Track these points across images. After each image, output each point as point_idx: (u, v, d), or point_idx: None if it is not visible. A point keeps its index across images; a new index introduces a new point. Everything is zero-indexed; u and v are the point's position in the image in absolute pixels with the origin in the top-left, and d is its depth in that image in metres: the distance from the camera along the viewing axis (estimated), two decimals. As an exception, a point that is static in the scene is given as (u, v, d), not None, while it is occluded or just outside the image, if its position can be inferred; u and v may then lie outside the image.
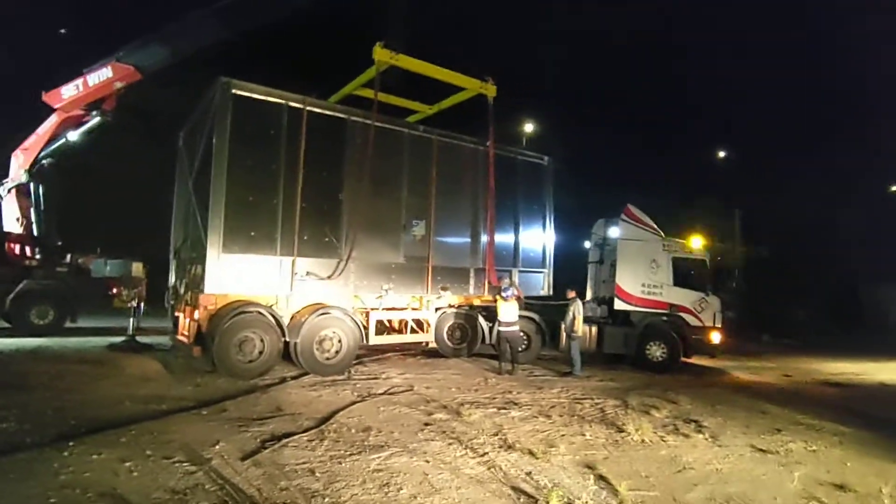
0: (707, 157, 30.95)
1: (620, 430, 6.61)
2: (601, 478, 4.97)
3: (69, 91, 12.51)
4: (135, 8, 28.49)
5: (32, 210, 13.51)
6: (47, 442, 5.14)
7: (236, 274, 8.54)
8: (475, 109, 11.84)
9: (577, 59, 35.91)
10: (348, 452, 5.38)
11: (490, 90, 11.25)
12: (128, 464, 4.69)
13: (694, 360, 12.34)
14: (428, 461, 5.24)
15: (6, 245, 13.19)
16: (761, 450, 6.16)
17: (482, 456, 5.47)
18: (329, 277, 9.34)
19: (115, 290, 13.39)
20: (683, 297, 11.75)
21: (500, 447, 5.78)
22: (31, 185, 13.44)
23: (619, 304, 11.85)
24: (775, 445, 6.34)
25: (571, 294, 10.91)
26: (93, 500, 3.99)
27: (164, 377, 8.64)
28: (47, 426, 5.66)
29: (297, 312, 9.35)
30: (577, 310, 10.66)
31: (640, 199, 12.62)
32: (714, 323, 11.78)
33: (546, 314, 12.06)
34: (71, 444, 5.08)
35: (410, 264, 10.39)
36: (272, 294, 9.11)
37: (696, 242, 12.09)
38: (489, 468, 5.13)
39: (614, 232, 12.37)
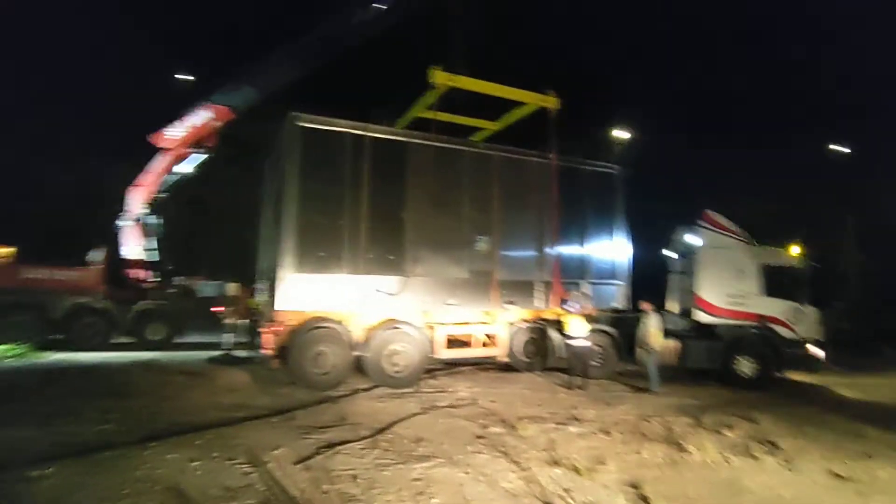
0: (815, 154, 28.19)
1: (681, 450, 6.28)
2: (642, 498, 4.79)
3: (174, 132, 14.10)
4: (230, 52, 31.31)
5: (148, 239, 15.27)
6: (135, 441, 5.85)
7: (308, 292, 9.15)
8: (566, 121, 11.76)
9: (658, 53, 34.44)
10: (394, 461, 5.60)
11: (551, 102, 11.23)
12: (195, 463, 5.23)
13: (793, 376, 11.37)
14: (468, 473, 5.32)
15: (128, 270, 14.99)
16: (840, 476, 5.60)
17: (524, 470, 5.46)
18: (394, 294, 9.70)
19: (217, 309, 14.71)
20: (775, 308, 10.86)
21: (546, 462, 5.73)
22: (146, 216, 15.22)
23: (701, 317, 11.19)
24: (859, 472, 5.71)
25: (646, 306, 10.48)
26: (158, 492, 4.51)
27: (248, 388, 9.40)
28: (139, 428, 6.43)
29: (369, 327, 9.79)
30: (652, 323, 10.23)
31: (732, 203, 11.91)
32: (812, 335, 10.76)
33: (622, 327, 11.66)
34: (153, 444, 5.75)
35: (476, 279, 10.53)
36: (343, 310, 9.61)
37: (790, 249, 11.17)
38: (528, 483, 5.12)
39: (693, 240, 11.73)
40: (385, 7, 11.73)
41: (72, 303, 13.32)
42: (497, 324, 10.97)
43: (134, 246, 15.07)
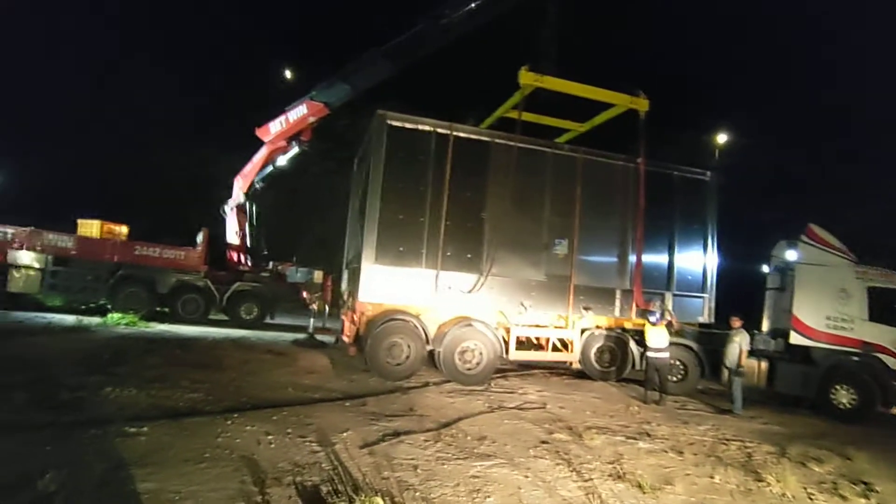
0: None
1: (759, 479, 5.89)
2: (708, 525, 4.57)
3: (275, 126, 15.05)
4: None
5: (247, 225, 16.41)
6: (219, 411, 6.38)
7: (387, 284, 9.46)
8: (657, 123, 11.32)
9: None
10: (455, 456, 5.70)
11: (641, 104, 10.82)
12: (270, 437, 5.62)
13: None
14: (527, 476, 5.31)
15: (227, 253, 16.18)
16: (944, 529, 5.04)
17: (586, 481, 5.36)
18: (469, 291, 9.80)
19: (304, 294, 15.54)
20: (882, 336, 9.83)
21: (610, 476, 5.59)
22: (248, 204, 16.35)
23: (796, 339, 10.37)
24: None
25: (737, 323, 9.86)
26: (234, 459, 4.90)
27: (326, 371, 9.90)
28: (224, 399, 6.99)
29: (443, 323, 9.97)
30: (742, 342, 9.63)
31: (842, 219, 10.93)
32: (926, 370, 9.67)
33: (707, 343, 11.08)
34: (235, 415, 6.23)
35: (552, 282, 10.41)
36: (420, 304, 9.85)
37: (905, 270, 10.10)
38: (587, 494, 5.03)
39: (793, 255, 10.89)
40: (475, 6, 11.80)
41: (176, 279, 14.61)
42: (572, 329, 10.79)
43: (234, 231, 16.24)
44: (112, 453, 4.70)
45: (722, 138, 27.70)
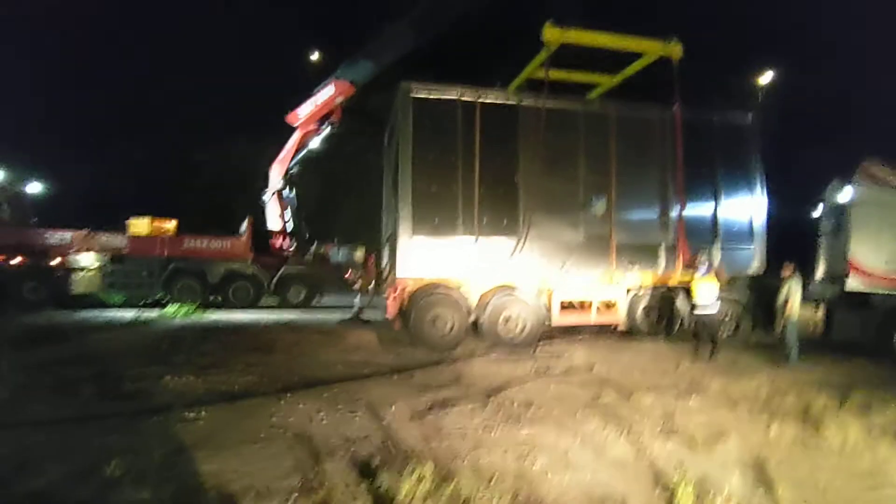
0: None
1: (818, 431, 5.69)
2: (764, 479, 4.46)
3: (304, 110, 15.20)
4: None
5: (287, 210, 16.76)
6: (272, 392, 6.63)
7: (425, 258, 9.54)
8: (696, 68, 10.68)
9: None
10: (502, 423, 5.73)
11: (674, 51, 10.28)
12: (321, 413, 5.80)
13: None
14: (576, 439, 5.30)
15: (271, 239, 16.62)
16: None
17: (635, 441, 5.32)
18: (508, 258, 9.75)
19: (348, 273, 15.86)
20: (950, 275, 9.30)
21: (661, 434, 5.53)
22: (286, 190, 16.67)
23: (853, 283, 9.90)
24: None
25: (787, 271, 9.46)
26: (288, 437, 5.09)
27: (374, 347, 10.11)
28: (277, 380, 7.25)
29: (484, 292, 9.99)
30: (794, 290, 9.26)
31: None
32: None
33: (759, 294, 10.71)
34: (288, 395, 6.47)
35: (592, 243, 10.24)
36: (460, 275, 9.88)
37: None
38: (637, 453, 4.99)
39: (847, 196, 10.31)
40: None
41: (225, 268, 15.14)
42: (616, 289, 10.62)
43: (275, 217, 16.63)
44: (173, 438, 4.95)
45: (767, 77, 26.28)
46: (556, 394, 7.07)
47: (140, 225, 15.58)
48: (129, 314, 13.06)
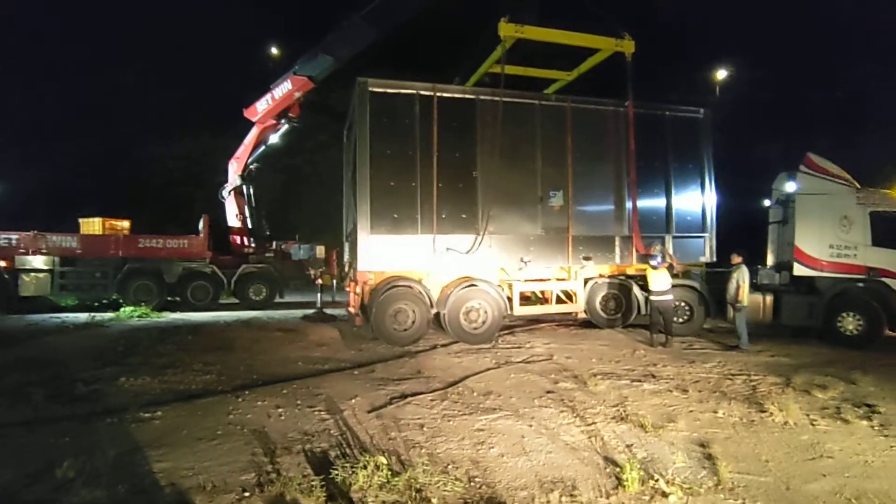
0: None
1: (762, 410, 5.97)
2: (708, 457, 4.65)
3: (262, 105, 14.94)
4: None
5: (246, 207, 16.47)
6: (230, 390, 6.55)
7: (385, 252, 9.50)
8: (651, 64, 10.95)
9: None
10: (461, 412, 5.83)
11: (627, 46, 10.53)
12: (280, 410, 5.77)
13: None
14: (531, 426, 5.43)
15: (230, 237, 16.30)
16: (945, 445, 5.09)
17: (589, 425, 5.48)
18: (468, 252, 9.83)
19: (310, 271, 15.70)
20: (886, 259, 9.76)
21: (613, 418, 5.69)
22: (244, 186, 16.37)
23: (800, 270, 10.35)
24: (971, 440, 5.18)
25: (737, 259, 9.83)
26: (246, 434, 5.05)
27: (336, 343, 10.07)
28: (236, 378, 7.17)
29: (446, 285, 10.05)
30: (741, 277, 9.62)
31: (843, 145, 10.73)
32: (932, 289, 9.63)
33: (711, 282, 11.10)
34: (246, 392, 6.42)
35: (550, 235, 10.40)
36: (420, 269, 9.92)
37: (903, 191, 9.97)
38: (590, 437, 5.14)
39: (792, 187, 10.76)
40: None
41: (183, 268, 14.79)
42: (575, 280, 10.84)
43: (234, 214, 16.32)
44: (128, 438, 4.86)
45: (722, 74, 27.19)
46: (515, 382, 7.21)
47: (92, 225, 15.08)
48: (82, 317, 12.64)
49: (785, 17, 34.80)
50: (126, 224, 15.60)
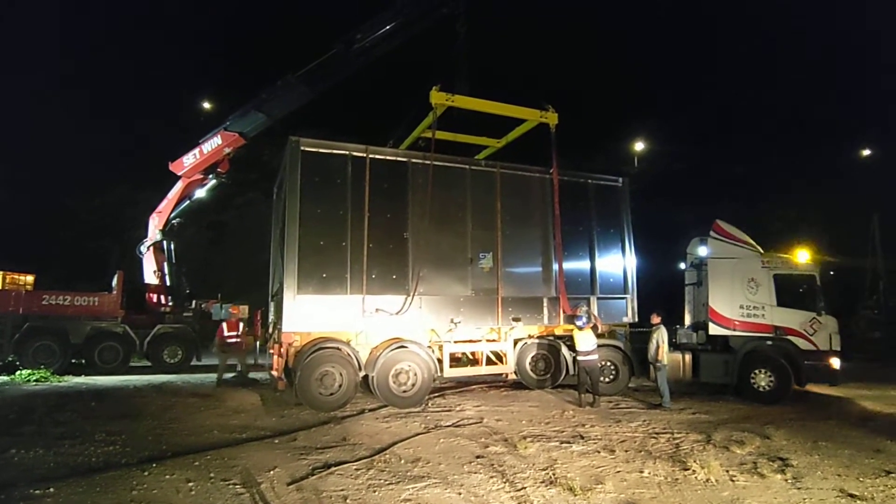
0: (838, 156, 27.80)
1: (685, 468, 6.11)
2: (634, 518, 4.66)
3: (189, 159, 14.54)
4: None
5: (165, 264, 15.66)
6: (135, 463, 5.97)
7: (313, 313, 9.20)
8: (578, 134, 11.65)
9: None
10: (387, 482, 5.57)
11: (551, 118, 11.20)
12: (190, 484, 5.29)
13: (819, 389, 11.08)
14: (460, 493, 5.27)
15: (146, 295, 15.35)
16: (851, 495, 5.35)
17: (518, 490, 5.38)
18: (398, 313, 9.71)
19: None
20: (790, 319, 10.54)
21: (543, 482, 5.63)
22: (164, 242, 15.62)
23: (714, 329, 10.94)
24: (873, 491, 5.48)
25: (656, 320, 10.26)
26: (149, 514, 4.57)
27: (256, 409, 9.47)
28: (142, 449, 6.54)
29: (375, 347, 9.81)
30: (660, 337, 10.01)
31: (752, 211, 11.63)
32: (831, 346, 10.40)
33: (635, 342, 11.47)
34: (154, 465, 5.85)
35: (480, 297, 10.48)
36: (349, 330, 9.66)
37: (803, 256, 10.87)
38: (519, 503, 5.03)
39: (704, 251, 11.52)
40: (389, 29, 11.95)
41: (91, 327, 13.68)
42: (504, 341, 10.89)
43: (152, 271, 15.45)
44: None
45: (640, 146, 29.41)
46: (444, 448, 7.02)
47: (-11, 280, 13.81)
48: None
49: (695, 97, 38.76)
50: (30, 279, 14.39)
